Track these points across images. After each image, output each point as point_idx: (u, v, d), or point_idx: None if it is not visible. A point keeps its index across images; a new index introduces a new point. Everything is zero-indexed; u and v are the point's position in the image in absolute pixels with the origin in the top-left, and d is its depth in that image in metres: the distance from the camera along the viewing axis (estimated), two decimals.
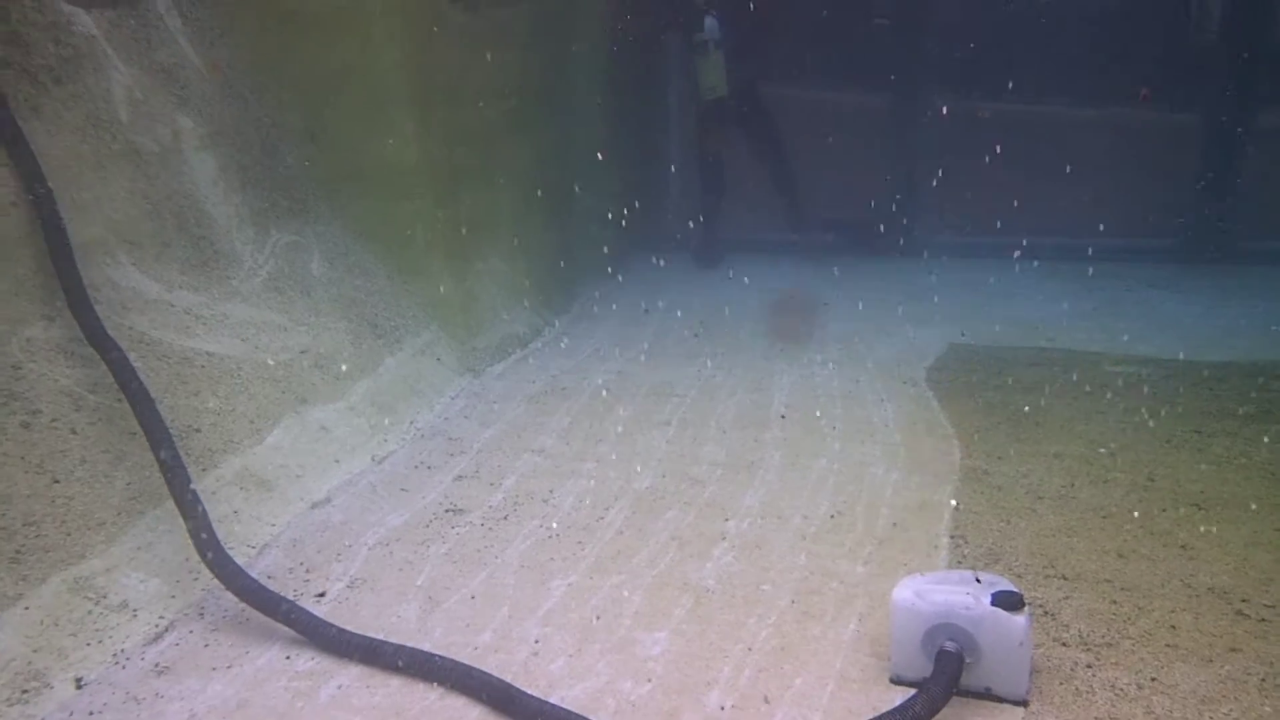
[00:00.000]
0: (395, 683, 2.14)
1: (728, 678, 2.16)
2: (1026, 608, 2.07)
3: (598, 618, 2.42)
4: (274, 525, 2.91)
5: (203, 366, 3.06)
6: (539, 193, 5.33)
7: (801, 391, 4.37)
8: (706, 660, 2.23)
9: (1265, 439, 3.57)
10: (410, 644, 2.22)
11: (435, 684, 2.11)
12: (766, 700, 2.07)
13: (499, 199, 4.98)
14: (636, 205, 6.96)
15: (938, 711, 1.94)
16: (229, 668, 2.22)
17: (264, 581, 2.45)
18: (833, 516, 3.05)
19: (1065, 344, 5.04)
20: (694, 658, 2.24)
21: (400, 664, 2.15)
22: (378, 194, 4.14)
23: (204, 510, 2.43)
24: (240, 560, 2.53)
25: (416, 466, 3.45)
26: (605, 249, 6.26)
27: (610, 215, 6.40)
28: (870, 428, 3.88)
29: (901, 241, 7.24)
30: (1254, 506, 2.96)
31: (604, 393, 4.30)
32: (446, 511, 3.08)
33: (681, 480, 3.35)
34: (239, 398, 3.09)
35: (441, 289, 4.44)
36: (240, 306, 3.33)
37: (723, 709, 2.03)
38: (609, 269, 6.30)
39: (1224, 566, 2.58)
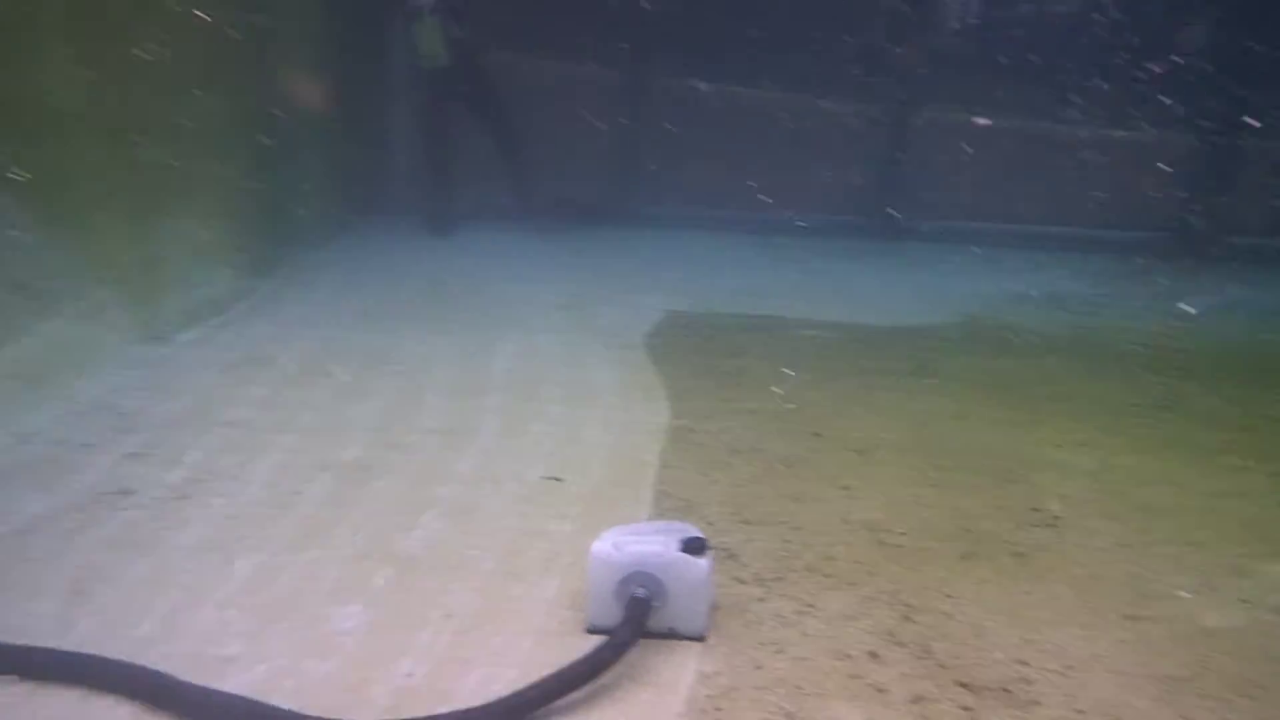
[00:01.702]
0: (19, 691, 1.86)
1: (424, 644, 2.12)
2: (710, 552, 2.24)
3: (286, 596, 2.27)
4: None
5: None
6: (243, 147, 4.86)
7: (524, 358, 4.39)
8: (404, 630, 2.17)
9: (917, 392, 4.16)
10: (44, 644, 1.94)
11: (71, 685, 1.86)
12: (462, 662, 2.06)
13: (191, 150, 4.46)
14: (360, 168, 6.59)
15: (625, 654, 2.03)
16: None
17: None
18: (544, 479, 3.09)
19: (768, 311, 5.51)
20: (390, 628, 2.18)
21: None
22: (25, 131, 3.53)
23: None
24: None
25: (71, 445, 3.02)
26: (323, 211, 5.87)
27: (329, 176, 6.00)
28: (588, 392, 3.99)
29: (630, 212, 7.51)
30: (902, 451, 3.42)
31: (313, 361, 4.04)
32: (109, 494, 2.72)
33: (393, 449, 3.23)
34: None
35: (116, 246, 3.90)
36: None
37: (412, 676, 1.98)
38: (326, 232, 5.91)
39: (874, 504, 2.95)
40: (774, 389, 4.12)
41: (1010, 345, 5.08)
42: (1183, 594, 2.29)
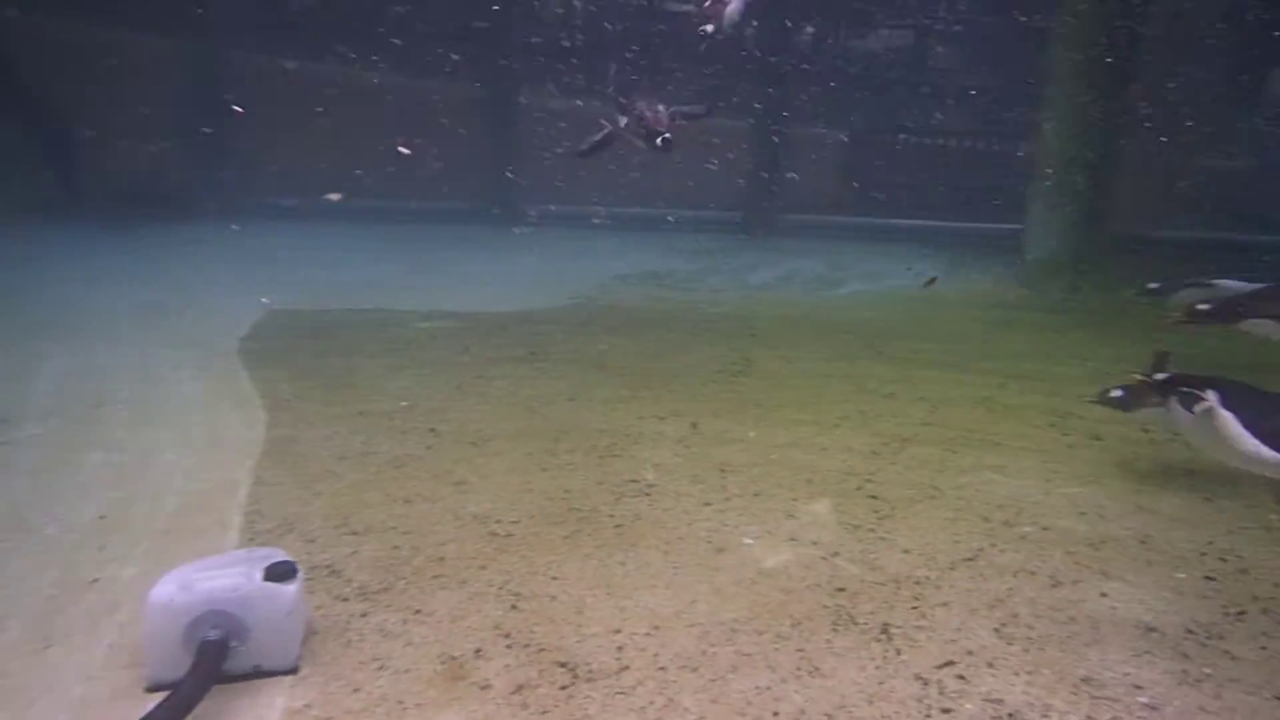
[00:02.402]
0: None
1: None
2: (299, 575, 2.05)
3: None
4: None
5: None
6: None
7: (82, 375, 3.71)
8: None
9: (532, 377, 4.25)
10: None
11: None
12: None
13: None
14: None
15: (192, 707, 1.78)
16: None
17: None
18: (102, 517, 2.62)
19: (383, 304, 5.29)
20: None
21: None
22: None
23: None
24: None
25: None
26: None
27: None
28: (166, 409, 3.48)
29: (225, 204, 6.72)
30: (515, 439, 3.47)
31: None
32: None
33: None
34: None
35: None
36: None
37: None
38: None
39: (486, 495, 2.95)
40: (387, 386, 3.95)
41: (617, 324, 5.44)
42: (747, 541, 2.60)
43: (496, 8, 8.12)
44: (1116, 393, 3.17)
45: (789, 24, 8.99)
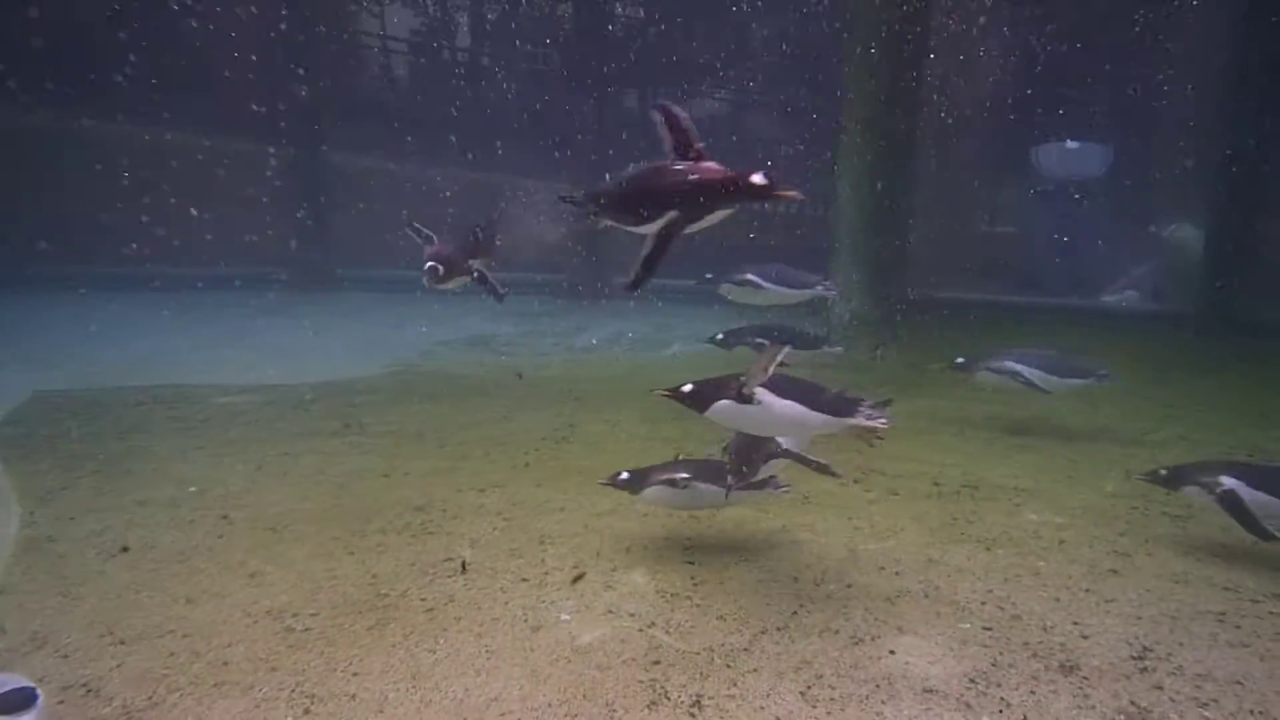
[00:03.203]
0: None
1: None
2: (39, 702, 1.78)
3: None
4: None
5: None
6: None
7: None
8: None
9: (342, 452, 4.01)
10: None
11: None
12: None
13: None
14: None
15: None
16: None
17: None
18: None
19: (176, 379, 4.86)
20: None
21: None
22: None
23: None
24: None
25: None
26: None
27: None
28: None
29: None
30: (321, 521, 3.23)
31: None
32: None
33: None
34: None
35: None
36: None
37: None
38: None
39: (284, 586, 2.71)
40: (174, 471, 3.60)
41: (438, 392, 5.26)
42: (564, 617, 2.53)
43: (302, 69, 7.88)
44: (625, 476, 2.96)
45: (604, 94, 9.30)
